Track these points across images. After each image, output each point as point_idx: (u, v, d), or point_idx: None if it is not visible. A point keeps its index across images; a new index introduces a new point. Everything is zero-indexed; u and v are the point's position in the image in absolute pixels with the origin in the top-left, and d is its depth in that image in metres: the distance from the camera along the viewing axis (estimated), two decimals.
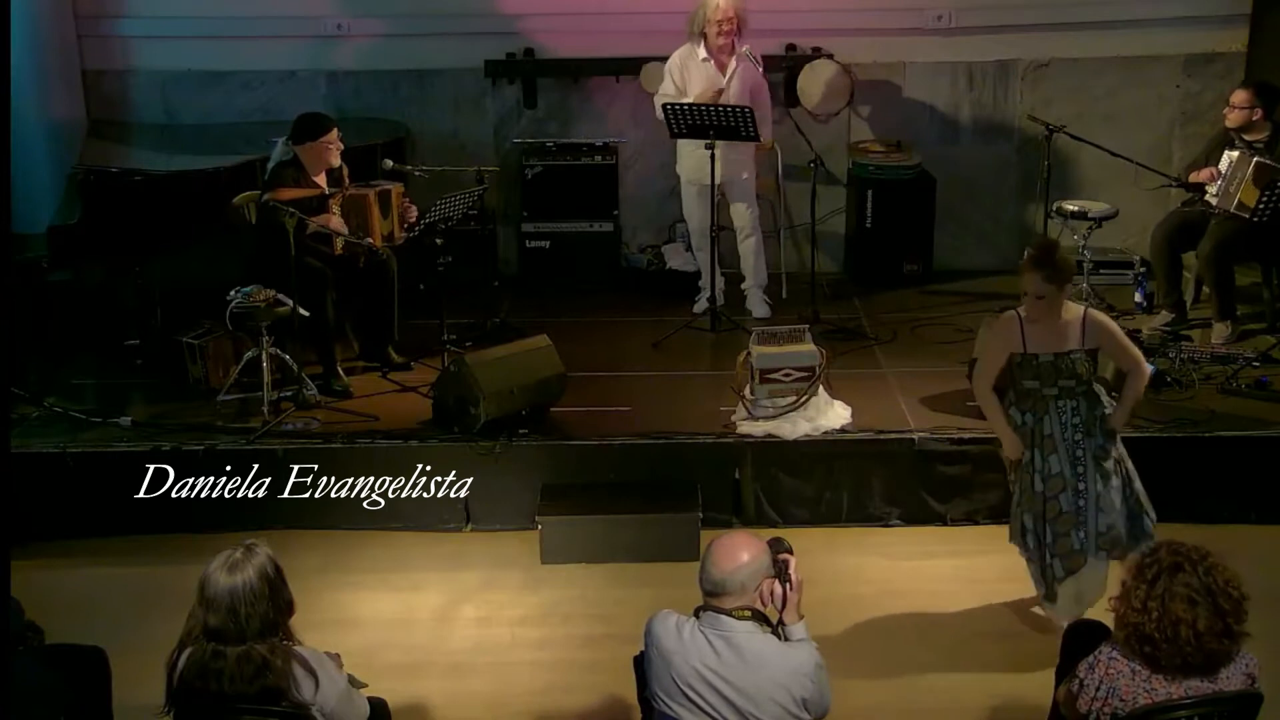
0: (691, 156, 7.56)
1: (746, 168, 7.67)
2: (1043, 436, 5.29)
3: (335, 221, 6.75)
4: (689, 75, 7.49)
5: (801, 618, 3.88)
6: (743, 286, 7.93)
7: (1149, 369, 5.42)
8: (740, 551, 3.78)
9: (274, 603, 3.78)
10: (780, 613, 3.85)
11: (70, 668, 4.20)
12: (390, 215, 6.96)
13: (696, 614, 3.82)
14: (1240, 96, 7.17)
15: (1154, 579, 3.64)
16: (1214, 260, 7.17)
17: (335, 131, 6.86)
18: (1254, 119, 7.14)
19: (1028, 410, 5.35)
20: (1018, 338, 5.27)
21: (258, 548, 3.82)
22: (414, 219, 7.01)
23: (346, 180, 6.96)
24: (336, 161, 6.87)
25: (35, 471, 6.22)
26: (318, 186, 6.82)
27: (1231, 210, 7.09)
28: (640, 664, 3.95)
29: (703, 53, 7.45)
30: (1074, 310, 5.30)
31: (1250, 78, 7.90)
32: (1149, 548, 3.89)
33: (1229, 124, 7.19)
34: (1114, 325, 5.34)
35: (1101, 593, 5.21)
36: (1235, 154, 7.12)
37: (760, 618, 3.79)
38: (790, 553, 3.92)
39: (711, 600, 3.77)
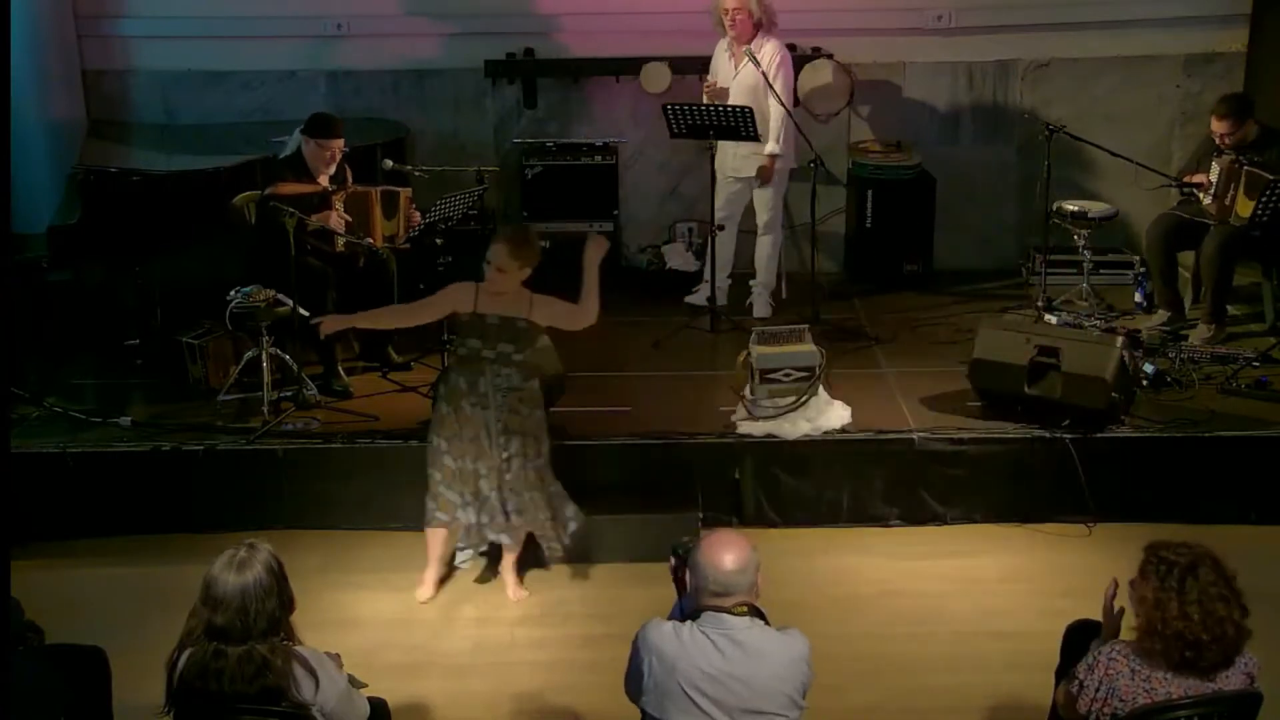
0: (723, 150, 7.56)
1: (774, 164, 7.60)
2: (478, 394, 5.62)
3: (335, 219, 6.75)
4: (717, 66, 7.59)
5: None
6: (751, 284, 7.94)
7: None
8: (740, 550, 3.78)
9: (280, 599, 3.80)
10: None
11: (70, 668, 4.20)
12: (396, 217, 6.96)
13: (692, 616, 3.82)
14: (1221, 126, 7.09)
15: (1181, 584, 3.63)
16: (1216, 260, 7.17)
17: (340, 142, 6.85)
18: (1245, 132, 7.11)
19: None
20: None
21: (260, 545, 3.83)
22: (417, 223, 7.03)
23: (350, 179, 6.96)
24: (329, 171, 6.86)
25: (35, 471, 6.22)
26: (318, 184, 6.82)
27: (1230, 223, 7.08)
28: (630, 679, 3.89)
29: (724, 45, 7.48)
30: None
31: (1232, 90, 7.88)
32: (1147, 552, 3.83)
33: (1227, 146, 7.15)
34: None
35: None
36: (1225, 161, 7.11)
37: (756, 612, 3.79)
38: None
39: (718, 600, 3.76)
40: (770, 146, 7.44)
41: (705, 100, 7.48)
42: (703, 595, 3.77)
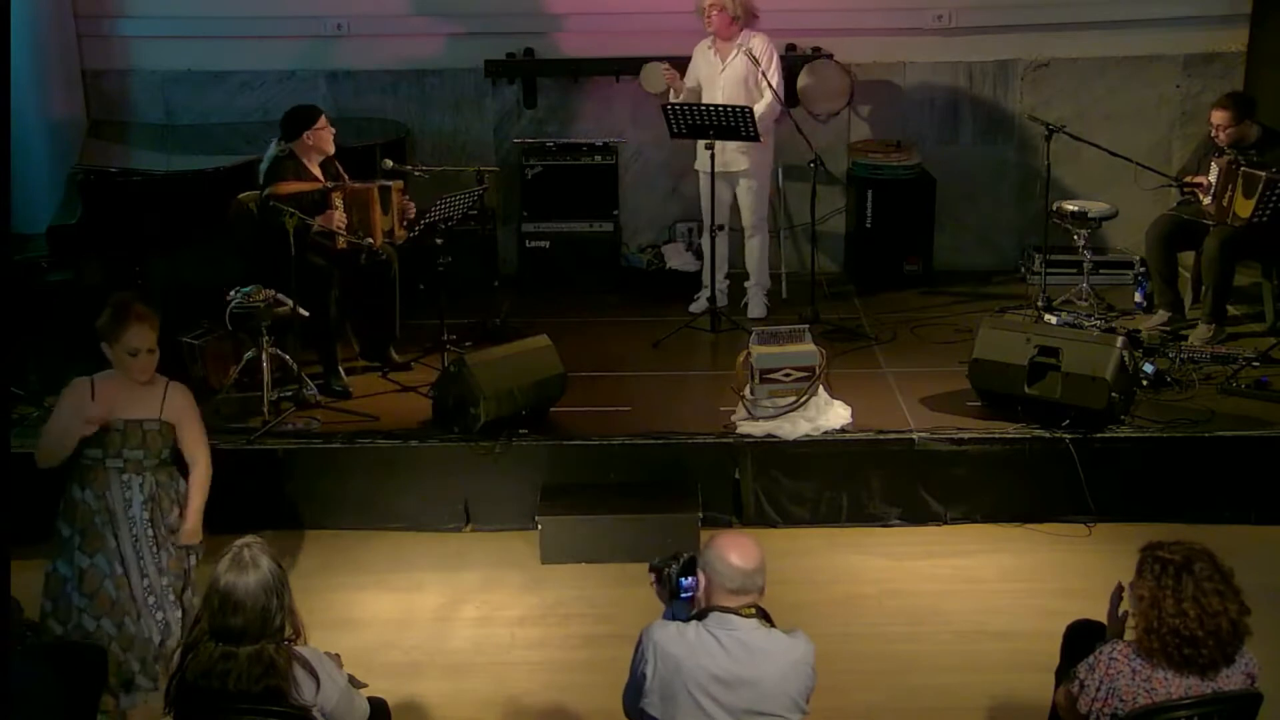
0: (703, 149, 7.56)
1: (753, 163, 7.60)
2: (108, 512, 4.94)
3: (337, 218, 6.75)
4: (697, 64, 7.59)
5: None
6: (746, 284, 7.94)
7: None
8: (756, 550, 3.79)
9: (289, 592, 3.82)
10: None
11: (69, 667, 4.20)
12: (391, 211, 6.96)
13: (698, 617, 3.81)
14: (1220, 116, 7.12)
15: (1177, 580, 3.63)
16: (1217, 260, 7.16)
17: (324, 117, 6.87)
18: (1243, 131, 7.12)
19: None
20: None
21: (255, 542, 3.83)
22: (413, 216, 7.02)
23: (345, 176, 6.96)
24: (331, 148, 6.86)
25: (35, 471, 6.21)
26: (317, 179, 6.82)
27: (1229, 223, 7.09)
28: (630, 683, 3.89)
29: (708, 41, 7.49)
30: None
31: (1233, 89, 7.88)
32: (1143, 552, 3.83)
33: (1222, 143, 7.16)
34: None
35: None
36: (1222, 161, 7.11)
37: (762, 613, 3.79)
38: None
39: (732, 599, 3.75)
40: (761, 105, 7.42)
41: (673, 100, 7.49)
42: (718, 594, 3.76)
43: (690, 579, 3.89)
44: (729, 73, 7.47)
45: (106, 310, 5.02)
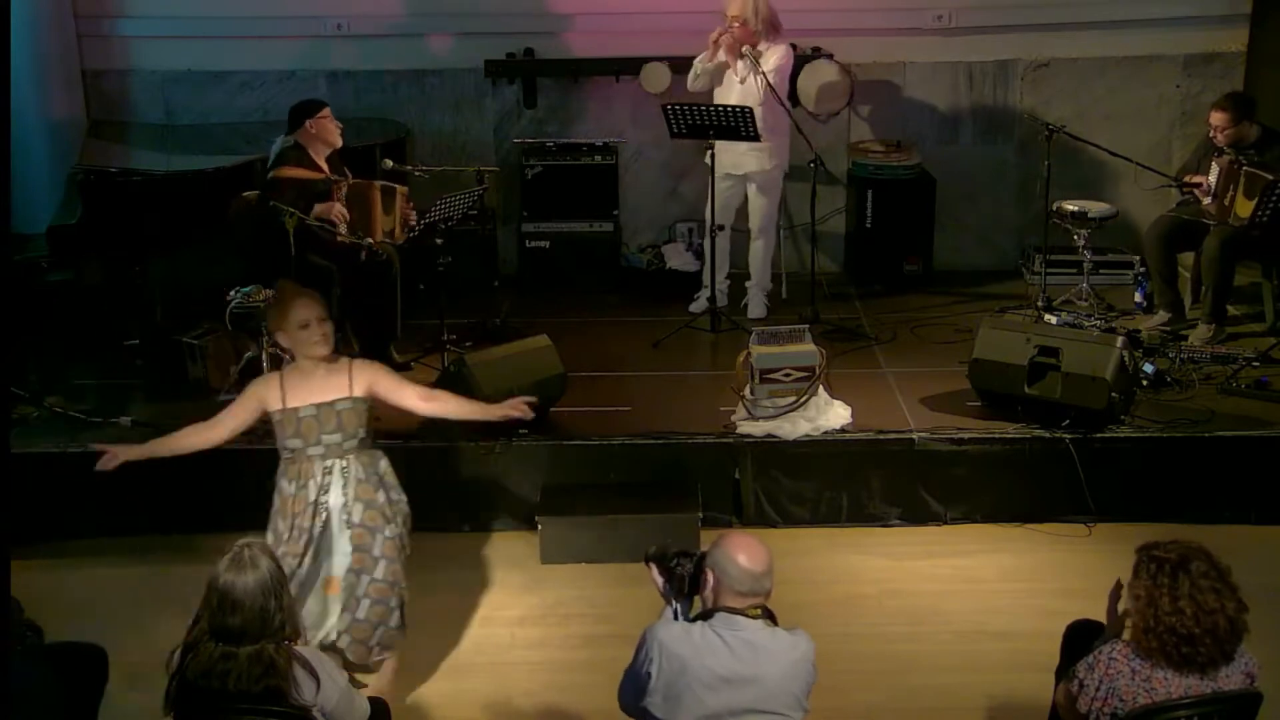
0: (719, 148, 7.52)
1: (763, 165, 7.58)
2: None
3: (337, 209, 6.76)
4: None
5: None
6: (746, 285, 7.94)
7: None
8: (766, 552, 3.79)
9: (288, 593, 3.82)
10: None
11: (69, 667, 4.20)
12: (393, 213, 6.97)
13: (703, 616, 3.82)
14: (1219, 118, 7.12)
15: (1173, 579, 3.63)
16: (1217, 260, 7.16)
17: (328, 108, 6.89)
18: (1242, 132, 7.12)
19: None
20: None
21: (254, 542, 3.84)
22: (414, 222, 7.03)
23: (348, 174, 6.97)
24: (337, 139, 6.88)
25: (35, 471, 6.22)
26: (322, 170, 6.83)
27: (1230, 224, 7.09)
28: (630, 681, 3.90)
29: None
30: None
31: (1233, 89, 7.89)
32: (1139, 552, 3.82)
33: (1220, 144, 7.16)
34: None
35: None
36: (1224, 161, 7.11)
37: (768, 614, 3.80)
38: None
39: (740, 600, 3.76)
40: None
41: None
42: (725, 595, 3.77)
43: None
44: (747, 86, 7.42)
45: (270, 306, 4.96)
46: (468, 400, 5.21)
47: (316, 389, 4.88)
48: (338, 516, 4.90)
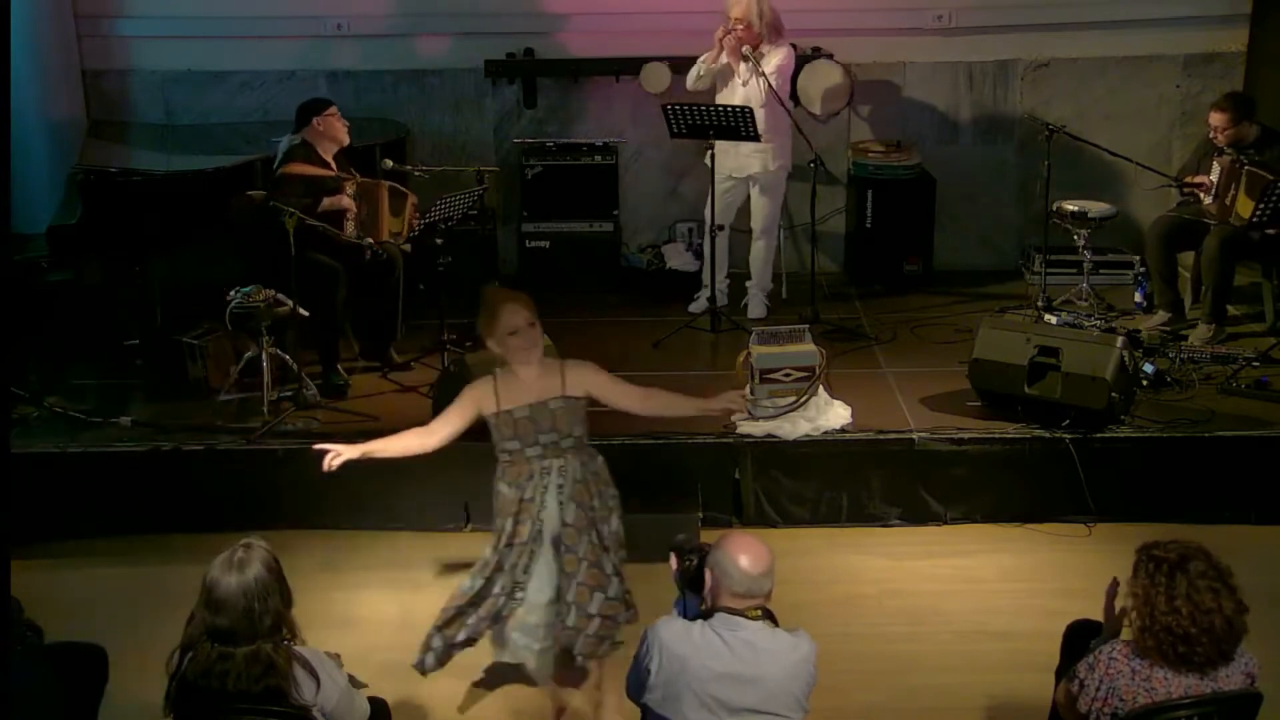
0: (721, 149, 7.52)
1: (766, 166, 7.58)
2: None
3: (346, 201, 6.77)
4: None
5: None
6: (747, 285, 7.94)
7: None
8: (765, 554, 3.79)
9: (281, 596, 3.80)
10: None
11: (69, 667, 4.20)
12: (401, 216, 6.99)
13: (704, 616, 3.82)
14: (1218, 118, 7.12)
15: (1170, 579, 3.63)
16: (1217, 260, 7.16)
17: (335, 106, 6.92)
18: (1242, 132, 7.12)
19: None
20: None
21: (256, 544, 3.83)
22: (415, 222, 7.05)
23: (355, 173, 6.98)
24: (345, 137, 6.89)
25: (35, 471, 6.22)
26: (330, 167, 6.83)
27: (1230, 223, 7.09)
28: (634, 674, 3.91)
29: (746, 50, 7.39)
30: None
31: (1232, 89, 7.89)
32: (1139, 552, 3.82)
33: (1220, 144, 7.16)
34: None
35: None
36: (1225, 161, 7.11)
37: (768, 614, 3.80)
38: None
39: (738, 602, 3.76)
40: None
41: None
42: (723, 596, 3.78)
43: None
44: (750, 88, 7.43)
45: (479, 315, 4.87)
46: (685, 397, 5.10)
47: (530, 389, 4.81)
48: (553, 520, 4.84)
